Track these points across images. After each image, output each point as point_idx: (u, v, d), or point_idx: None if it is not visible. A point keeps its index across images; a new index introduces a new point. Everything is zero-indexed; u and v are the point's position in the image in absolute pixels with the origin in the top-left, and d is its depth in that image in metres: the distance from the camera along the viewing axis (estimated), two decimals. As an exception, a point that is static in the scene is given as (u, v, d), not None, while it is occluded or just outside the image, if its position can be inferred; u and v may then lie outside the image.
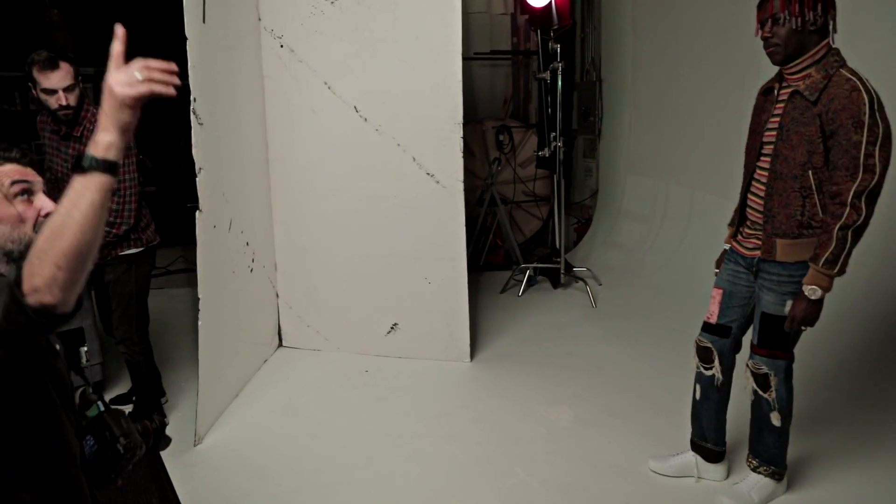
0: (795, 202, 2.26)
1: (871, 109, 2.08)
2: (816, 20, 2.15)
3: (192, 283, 3.17)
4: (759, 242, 2.41)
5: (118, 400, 3.51)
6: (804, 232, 2.26)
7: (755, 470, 2.57)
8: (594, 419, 3.29)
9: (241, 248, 3.60)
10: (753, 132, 2.45)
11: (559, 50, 5.05)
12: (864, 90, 2.09)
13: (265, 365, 4.02)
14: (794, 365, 2.47)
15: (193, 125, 2.94)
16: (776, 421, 2.45)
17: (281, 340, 4.29)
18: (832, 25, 2.20)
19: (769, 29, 2.21)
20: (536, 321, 4.72)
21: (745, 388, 2.51)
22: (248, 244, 3.67)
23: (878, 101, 2.10)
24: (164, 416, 2.94)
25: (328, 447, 3.10)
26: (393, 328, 4.07)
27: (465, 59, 3.68)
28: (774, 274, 2.34)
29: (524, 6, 5.26)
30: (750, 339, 2.51)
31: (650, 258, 5.43)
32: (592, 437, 3.14)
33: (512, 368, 3.92)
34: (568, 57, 5.61)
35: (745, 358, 2.53)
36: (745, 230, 2.50)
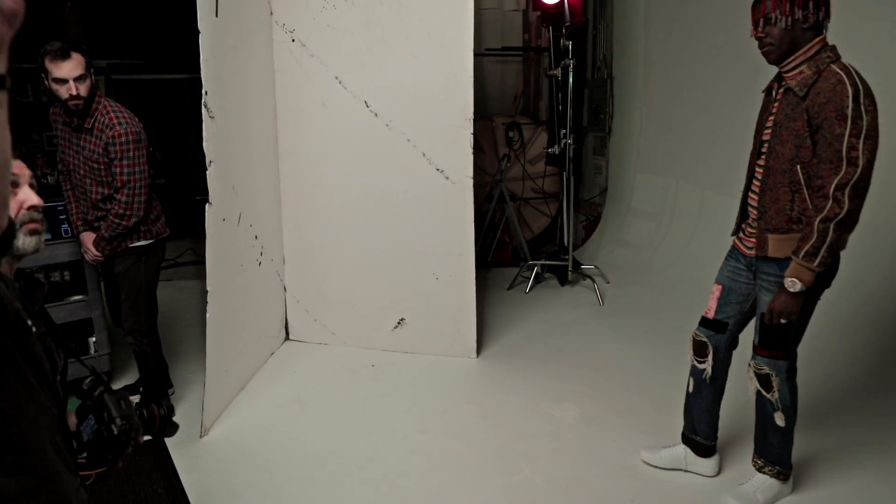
0: (785, 197, 2.27)
1: (854, 102, 2.07)
2: (808, 18, 2.16)
3: (200, 275, 3.19)
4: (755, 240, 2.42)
5: (126, 391, 3.53)
6: (794, 227, 2.25)
7: (760, 470, 2.57)
8: (599, 417, 3.29)
9: (249, 241, 3.61)
10: (756, 132, 2.46)
11: (571, 47, 5.04)
12: (848, 83, 2.08)
13: (272, 358, 4.03)
14: (797, 365, 2.46)
15: (204, 118, 2.95)
16: (780, 421, 2.44)
17: (288, 334, 4.30)
18: (826, 22, 2.20)
19: (762, 29, 2.23)
20: (543, 318, 4.71)
21: (748, 388, 2.50)
22: (256, 237, 3.69)
23: (864, 93, 2.08)
24: (171, 405, 2.96)
25: (333, 441, 3.11)
26: (400, 323, 4.08)
27: (476, 55, 3.68)
28: (772, 274, 2.33)
29: (536, 3, 5.24)
30: (752, 339, 2.51)
31: (658, 257, 5.41)
32: (597, 434, 3.14)
33: (518, 365, 3.93)
34: (579, 54, 5.60)
35: (745, 357, 2.53)
36: (746, 228, 2.50)
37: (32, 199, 1.33)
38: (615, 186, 6.37)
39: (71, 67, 2.74)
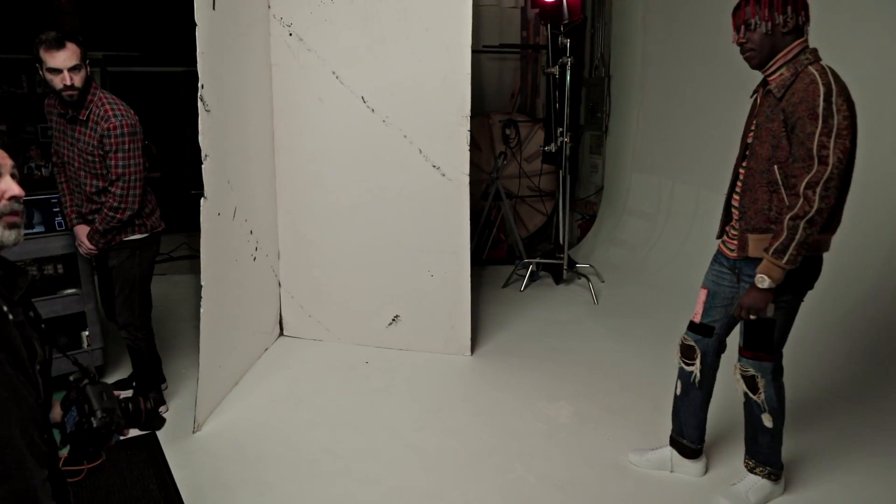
0: (763, 197, 2.28)
1: (825, 101, 2.08)
2: (787, 22, 2.19)
3: (194, 269, 3.17)
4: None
5: (119, 385, 3.52)
6: (772, 226, 2.26)
7: (752, 471, 2.58)
8: (593, 416, 3.29)
9: (244, 236, 3.60)
10: (742, 135, 2.47)
11: (569, 45, 5.03)
12: (821, 82, 2.11)
13: (266, 354, 4.02)
14: (783, 364, 2.48)
15: (200, 112, 2.93)
16: (768, 422, 2.46)
17: (282, 330, 4.29)
18: (806, 26, 2.23)
19: (743, 34, 2.26)
20: (538, 317, 4.71)
21: (736, 390, 2.52)
22: (251, 232, 3.67)
23: (836, 92, 2.09)
24: (163, 400, 2.93)
25: (326, 437, 3.10)
26: (394, 320, 4.07)
27: (474, 51, 3.67)
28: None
29: (535, 0, 5.23)
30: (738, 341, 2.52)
31: (654, 256, 5.42)
32: (591, 434, 3.14)
33: (512, 363, 3.92)
34: (577, 52, 5.60)
35: (733, 359, 2.54)
36: (730, 231, 2.51)
37: (14, 189, 1.30)
38: (611, 185, 6.37)
39: (66, 57, 2.72)
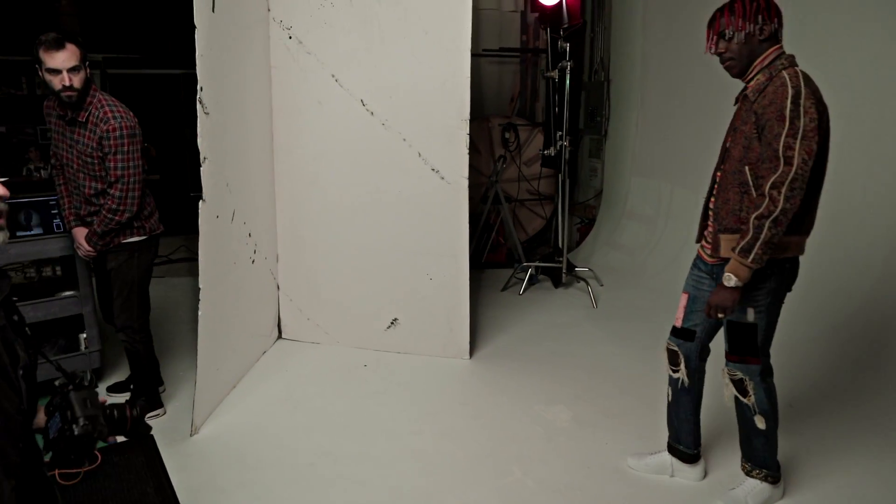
0: (735, 198, 2.31)
1: (793, 103, 2.12)
2: (763, 30, 2.23)
3: (193, 272, 3.16)
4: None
5: (116, 387, 3.52)
6: (742, 227, 2.27)
7: (749, 474, 2.58)
8: (592, 420, 3.29)
9: (243, 238, 3.60)
10: (723, 141, 2.48)
11: (568, 49, 5.03)
12: (790, 85, 2.14)
13: (264, 357, 4.02)
14: (771, 366, 2.49)
15: (199, 114, 2.93)
16: (761, 424, 2.46)
17: (280, 332, 4.29)
18: (780, 32, 2.27)
19: (722, 45, 2.31)
20: (537, 320, 4.71)
21: (724, 396, 2.52)
22: (250, 235, 3.67)
23: (805, 95, 2.13)
24: (151, 405, 2.90)
25: (324, 441, 3.10)
26: (393, 323, 4.06)
27: (473, 55, 3.67)
28: None
29: (535, 4, 5.24)
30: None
31: (653, 260, 5.42)
32: (589, 437, 3.13)
33: (511, 367, 3.92)
34: (577, 56, 5.59)
35: (721, 364, 2.54)
36: (707, 234, 2.53)
37: None
38: (610, 189, 6.37)
39: (65, 58, 2.72)
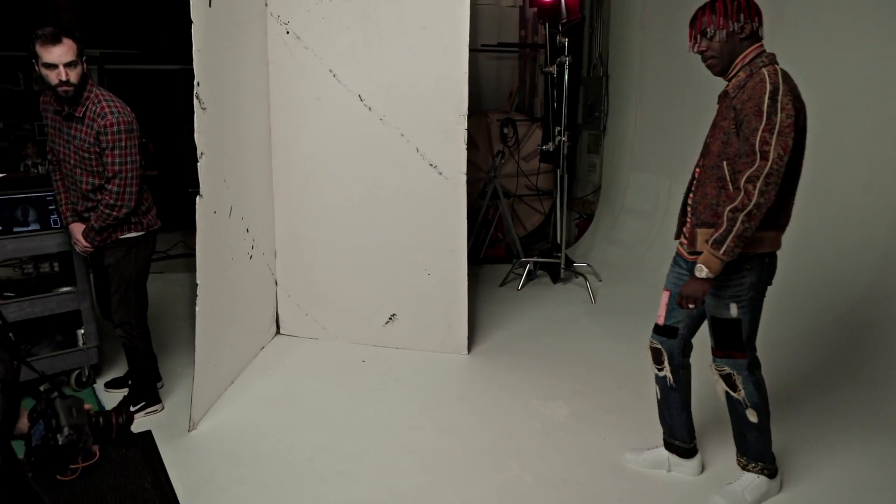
0: (713, 192, 2.34)
1: (770, 99, 2.15)
2: (744, 28, 2.26)
3: (191, 268, 3.16)
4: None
5: (114, 383, 3.52)
6: (718, 221, 2.29)
7: (745, 468, 2.59)
8: (590, 415, 3.29)
9: (241, 234, 3.59)
10: (705, 138, 2.49)
11: (567, 44, 5.03)
12: (768, 81, 2.17)
13: (262, 352, 4.02)
14: (758, 359, 2.49)
15: (196, 110, 2.92)
16: (753, 417, 2.47)
17: (279, 328, 4.28)
18: (760, 30, 2.30)
19: (704, 44, 2.34)
20: (535, 315, 4.71)
21: (717, 392, 2.54)
22: (248, 231, 3.66)
23: (783, 92, 2.15)
24: (150, 403, 2.87)
25: (322, 436, 3.10)
26: (391, 319, 4.06)
27: (471, 50, 3.66)
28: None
29: (533, -1, 5.23)
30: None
31: (651, 255, 5.42)
32: (587, 432, 3.14)
33: (509, 362, 3.92)
34: (575, 51, 5.59)
35: (706, 359, 2.55)
36: (686, 231, 2.52)
37: None
38: (609, 184, 6.37)
39: (61, 52, 2.71)
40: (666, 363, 2.64)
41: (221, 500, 2.63)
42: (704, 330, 2.58)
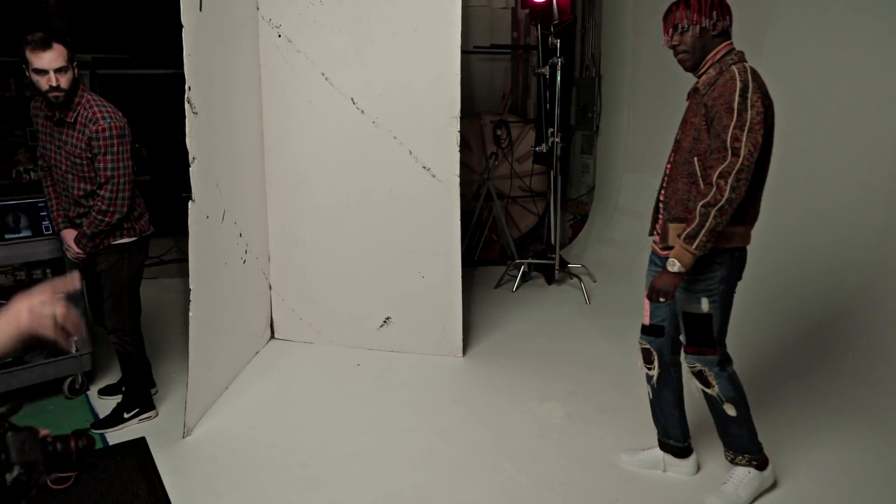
0: (684, 188, 2.37)
1: (741, 96, 2.19)
2: (716, 25, 2.31)
3: (184, 273, 3.14)
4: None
5: (108, 390, 3.50)
6: (689, 216, 2.31)
7: (734, 461, 2.60)
8: (585, 416, 3.29)
9: (234, 238, 3.58)
10: (676, 134, 2.51)
11: (559, 45, 5.04)
12: (738, 79, 2.21)
13: (256, 357, 4.00)
14: (729, 355, 2.51)
15: (188, 114, 2.91)
16: (731, 411, 2.49)
17: (273, 332, 4.27)
18: (730, 29, 2.34)
19: (676, 38, 2.36)
20: (530, 317, 4.71)
21: (691, 389, 2.56)
22: (241, 235, 3.65)
23: (752, 89, 2.19)
24: (143, 410, 2.80)
25: (318, 440, 3.09)
26: (386, 322, 4.06)
27: (464, 52, 3.67)
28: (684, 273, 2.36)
29: (525, 0, 5.24)
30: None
31: (645, 256, 5.35)
32: (583, 433, 3.14)
33: (504, 364, 3.92)
34: (568, 52, 5.60)
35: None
36: (659, 227, 2.56)
37: None
38: (602, 185, 6.38)
39: (52, 58, 2.70)
40: (656, 362, 2.65)
41: (216, 505, 2.63)
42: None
